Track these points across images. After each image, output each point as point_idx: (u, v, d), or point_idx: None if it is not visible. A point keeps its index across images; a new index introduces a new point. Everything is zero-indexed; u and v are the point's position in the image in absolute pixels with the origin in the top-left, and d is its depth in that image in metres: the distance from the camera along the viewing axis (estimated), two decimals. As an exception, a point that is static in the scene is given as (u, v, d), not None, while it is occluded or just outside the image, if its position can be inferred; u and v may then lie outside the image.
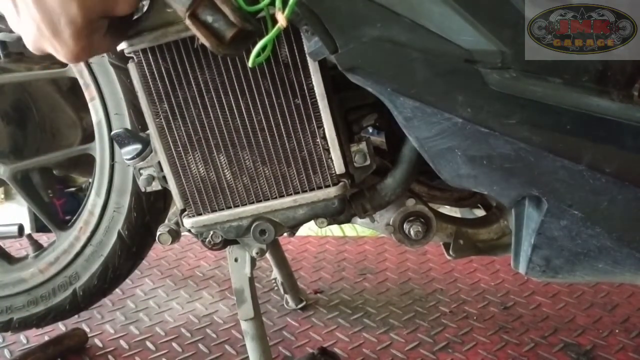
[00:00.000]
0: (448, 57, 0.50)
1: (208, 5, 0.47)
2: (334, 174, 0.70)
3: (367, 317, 1.27)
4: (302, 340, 1.20)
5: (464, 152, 0.57)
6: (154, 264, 1.62)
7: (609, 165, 0.52)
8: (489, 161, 0.56)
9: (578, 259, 0.61)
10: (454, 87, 0.51)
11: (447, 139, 0.56)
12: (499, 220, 0.83)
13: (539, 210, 0.59)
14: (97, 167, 0.96)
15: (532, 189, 0.58)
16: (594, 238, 0.58)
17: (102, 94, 0.90)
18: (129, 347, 1.21)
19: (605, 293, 1.29)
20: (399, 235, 0.80)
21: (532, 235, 0.61)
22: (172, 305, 1.39)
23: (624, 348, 1.08)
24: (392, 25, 0.49)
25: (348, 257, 1.60)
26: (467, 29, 0.49)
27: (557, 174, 0.54)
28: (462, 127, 0.53)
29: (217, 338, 1.22)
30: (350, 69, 0.52)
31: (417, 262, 1.52)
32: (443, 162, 0.59)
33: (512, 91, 0.50)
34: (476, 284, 1.38)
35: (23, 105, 1.05)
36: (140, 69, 0.66)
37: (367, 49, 0.50)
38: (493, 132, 0.53)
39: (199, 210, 0.75)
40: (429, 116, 0.55)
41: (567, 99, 0.50)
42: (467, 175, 0.59)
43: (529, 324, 1.19)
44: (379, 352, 1.13)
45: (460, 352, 1.11)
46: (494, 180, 0.59)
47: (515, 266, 0.66)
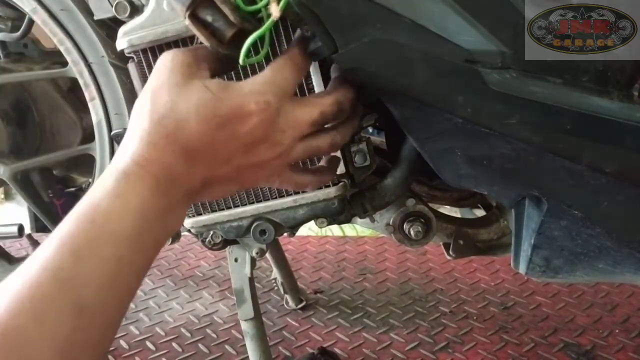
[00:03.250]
0: (448, 57, 0.50)
1: (208, 5, 0.47)
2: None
3: (367, 317, 1.27)
4: (302, 340, 1.20)
5: (464, 152, 0.57)
6: (154, 264, 1.61)
7: (609, 165, 0.52)
8: (489, 161, 0.56)
9: (578, 259, 0.61)
10: (454, 87, 0.51)
11: (447, 139, 0.56)
12: (499, 220, 0.83)
13: (539, 210, 0.59)
14: (97, 167, 0.96)
15: (532, 189, 0.58)
16: (594, 238, 0.58)
17: (102, 94, 0.90)
18: (129, 347, 1.21)
19: (605, 293, 1.29)
20: (399, 235, 0.80)
21: (532, 235, 0.60)
22: (172, 305, 1.39)
23: (624, 348, 1.08)
24: (392, 25, 0.49)
25: (348, 257, 1.60)
26: (467, 29, 0.49)
27: (557, 174, 0.54)
28: (462, 127, 0.53)
29: (217, 338, 1.22)
30: (350, 69, 0.52)
31: (417, 262, 1.52)
32: (443, 162, 0.59)
33: (512, 91, 0.50)
34: (476, 284, 1.38)
35: (23, 105, 1.05)
36: (140, 69, 0.66)
37: (367, 49, 0.50)
38: (493, 132, 0.53)
39: (199, 210, 0.75)
40: (429, 116, 0.55)
41: (567, 99, 0.50)
42: (467, 176, 0.59)
43: (529, 324, 1.19)
44: (379, 352, 1.13)
45: (460, 352, 1.11)
46: (494, 180, 0.59)
47: (515, 266, 0.66)
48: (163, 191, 0.44)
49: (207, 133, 0.44)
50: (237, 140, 0.45)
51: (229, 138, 0.45)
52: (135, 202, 0.42)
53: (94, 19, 0.80)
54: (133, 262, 0.43)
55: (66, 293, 0.39)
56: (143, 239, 0.43)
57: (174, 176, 0.44)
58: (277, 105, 0.46)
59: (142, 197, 0.43)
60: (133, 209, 0.42)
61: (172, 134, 0.44)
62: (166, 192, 0.44)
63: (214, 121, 0.44)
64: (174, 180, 0.45)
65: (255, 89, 0.45)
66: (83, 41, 0.84)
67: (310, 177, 0.55)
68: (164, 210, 0.44)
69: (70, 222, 0.41)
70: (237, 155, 0.46)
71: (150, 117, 0.44)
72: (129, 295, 0.44)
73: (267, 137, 0.46)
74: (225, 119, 0.44)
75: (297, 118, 0.47)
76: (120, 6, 0.67)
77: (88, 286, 0.40)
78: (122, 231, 0.42)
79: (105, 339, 0.42)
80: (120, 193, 0.42)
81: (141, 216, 0.43)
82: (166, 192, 0.44)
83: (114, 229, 0.41)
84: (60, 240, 0.40)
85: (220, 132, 0.44)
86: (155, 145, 0.44)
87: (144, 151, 0.44)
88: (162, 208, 0.44)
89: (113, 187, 0.42)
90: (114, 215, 0.42)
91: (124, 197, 0.42)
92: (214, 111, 0.44)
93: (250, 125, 0.45)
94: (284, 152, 0.48)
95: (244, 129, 0.45)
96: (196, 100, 0.44)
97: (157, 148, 0.44)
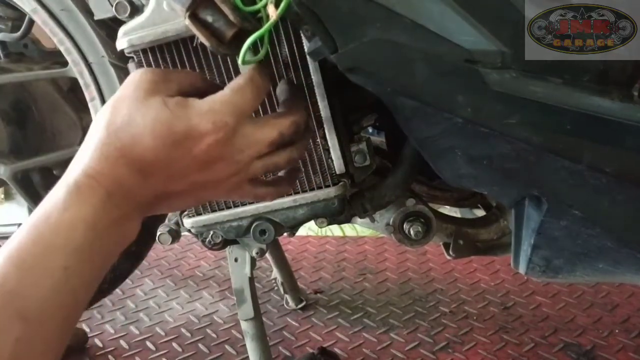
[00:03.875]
0: (448, 57, 0.50)
1: (208, 5, 0.47)
2: (334, 174, 0.70)
3: (367, 317, 1.27)
4: (302, 340, 1.20)
5: (464, 152, 0.56)
6: (154, 264, 1.62)
7: (609, 165, 0.52)
8: (489, 161, 0.56)
9: (578, 259, 0.60)
10: (454, 87, 0.51)
11: (447, 139, 0.56)
12: (499, 220, 0.83)
13: (539, 210, 0.59)
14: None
15: (532, 189, 0.58)
16: (594, 238, 0.58)
17: (102, 94, 0.89)
18: (129, 347, 1.21)
19: (605, 293, 1.29)
20: (399, 235, 0.80)
21: (532, 235, 0.60)
22: (172, 305, 1.39)
23: (624, 348, 1.08)
24: (392, 25, 0.49)
25: (348, 257, 1.60)
26: (467, 29, 0.49)
27: (557, 174, 0.54)
28: (462, 127, 0.53)
29: (217, 338, 1.22)
30: (350, 68, 0.52)
31: (417, 262, 1.52)
32: (443, 162, 0.59)
33: (512, 91, 0.50)
34: (476, 284, 1.38)
35: (23, 105, 1.05)
36: (140, 68, 0.66)
37: (367, 49, 0.50)
38: (493, 132, 0.53)
39: (199, 210, 0.75)
40: (429, 116, 0.55)
41: (567, 99, 0.50)
42: (467, 175, 0.59)
43: (529, 324, 1.19)
44: (379, 352, 1.13)
45: (460, 352, 1.11)
46: (494, 180, 0.59)
47: (515, 266, 0.66)
48: (114, 203, 0.44)
49: (161, 149, 0.44)
50: (192, 158, 0.46)
51: (184, 155, 0.45)
52: (85, 214, 0.43)
53: (94, 19, 0.80)
54: (82, 273, 0.43)
55: (10, 304, 0.39)
56: (93, 251, 0.43)
57: (125, 189, 0.45)
58: (234, 125, 0.46)
59: (93, 208, 0.43)
60: (83, 220, 0.42)
61: (127, 147, 0.44)
62: (117, 204, 0.44)
63: (170, 138, 0.44)
64: (125, 193, 0.45)
65: (214, 108, 0.46)
66: (83, 41, 0.84)
67: (270, 189, 0.55)
68: (115, 222, 0.45)
69: (21, 234, 0.42)
70: (192, 172, 0.47)
71: (107, 129, 0.45)
72: (77, 306, 0.44)
73: (223, 156, 0.47)
74: (180, 136, 0.44)
75: (256, 138, 0.48)
76: (121, 6, 0.67)
77: (32, 297, 0.40)
78: (71, 243, 0.42)
79: (52, 349, 0.42)
80: (70, 205, 0.43)
81: (91, 227, 0.43)
82: (117, 205, 0.44)
83: (62, 241, 0.42)
84: (9, 252, 0.41)
85: (175, 150, 0.45)
86: (107, 158, 0.44)
87: (95, 163, 0.44)
88: (113, 220, 0.44)
89: (64, 199, 0.43)
90: (62, 227, 0.42)
91: (73, 208, 0.43)
92: (170, 128, 0.44)
93: (205, 144, 0.45)
94: (241, 169, 0.48)
95: (199, 147, 0.45)
96: (153, 116, 0.44)
97: (109, 160, 0.44)
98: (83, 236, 0.42)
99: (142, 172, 0.45)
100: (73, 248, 0.42)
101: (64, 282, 0.41)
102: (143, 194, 0.46)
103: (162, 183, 0.46)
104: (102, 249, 0.44)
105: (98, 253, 0.44)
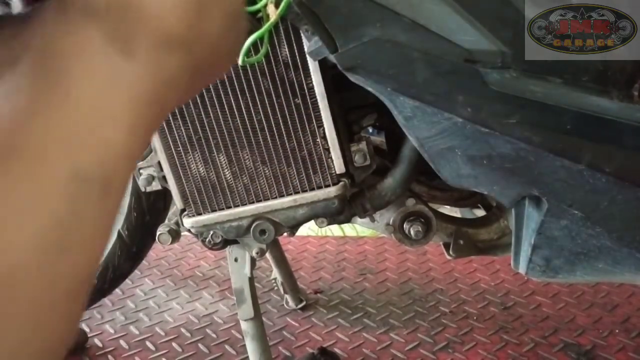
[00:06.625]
0: (448, 56, 0.50)
1: (208, 5, 0.47)
2: (334, 174, 0.70)
3: (367, 317, 1.27)
4: (302, 340, 1.20)
5: (464, 152, 0.57)
6: (154, 264, 1.62)
7: (609, 165, 0.52)
8: (489, 161, 0.56)
9: (578, 258, 0.61)
10: (454, 86, 0.51)
11: (447, 139, 0.56)
12: (499, 220, 0.83)
13: (539, 210, 0.59)
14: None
15: (532, 189, 0.58)
16: (594, 238, 0.58)
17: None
18: (129, 347, 1.21)
19: (605, 293, 1.29)
20: (399, 235, 0.80)
21: (532, 235, 0.60)
22: (172, 305, 1.39)
23: (624, 348, 1.08)
24: (392, 25, 0.49)
25: (348, 257, 1.60)
26: (467, 28, 0.49)
27: (557, 173, 0.54)
28: (462, 127, 0.53)
29: (217, 338, 1.22)
30: (350, 68, 0.52)
31: (417, 262, 1.52)
32: (443, 162, 0.59)
33: (512, 91, 0.50)
34: (476, 284, 1.38)
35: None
36: None
37: (367, 49, 0.50)
38: (493, 132, 0.53)
39: (199, 210, 0.75)
40: (429, 116, 0.55)
41: (567, 99, 0.50)
42: (467, 175, 0.59)
43: (529, 324, 1.19)
44: (379, 352, 1.13)
45: (460, 352, 1.11)
46: (494, 180, 0.59)
47: (515, 266, 0.66)
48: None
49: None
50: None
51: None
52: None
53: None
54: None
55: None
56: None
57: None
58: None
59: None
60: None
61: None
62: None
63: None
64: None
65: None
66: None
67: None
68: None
69: None
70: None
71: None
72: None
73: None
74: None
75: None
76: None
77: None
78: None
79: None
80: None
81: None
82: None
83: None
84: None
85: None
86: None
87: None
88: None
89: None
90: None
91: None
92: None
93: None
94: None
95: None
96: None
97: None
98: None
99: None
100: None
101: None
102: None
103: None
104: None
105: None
